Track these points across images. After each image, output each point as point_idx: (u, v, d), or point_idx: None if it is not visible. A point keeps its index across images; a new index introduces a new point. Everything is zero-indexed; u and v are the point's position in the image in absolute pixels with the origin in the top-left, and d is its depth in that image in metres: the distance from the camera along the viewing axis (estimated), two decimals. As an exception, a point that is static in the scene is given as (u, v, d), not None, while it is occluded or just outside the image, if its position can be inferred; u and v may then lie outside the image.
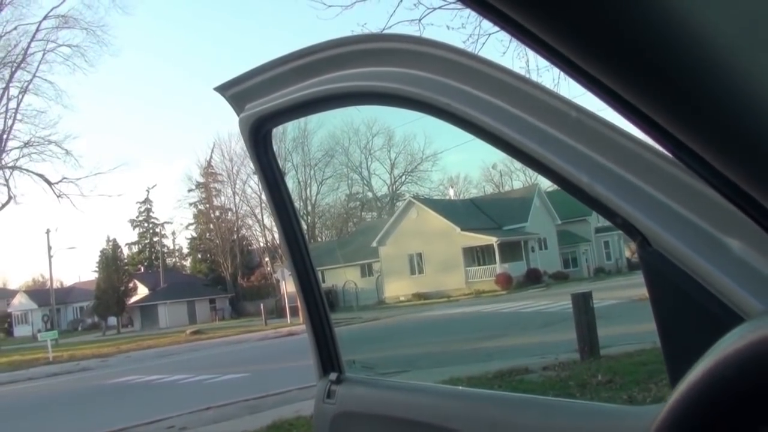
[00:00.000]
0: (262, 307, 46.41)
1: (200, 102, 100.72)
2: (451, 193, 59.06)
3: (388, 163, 63.14)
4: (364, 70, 1.60)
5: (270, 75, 1.89)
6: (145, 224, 78.90)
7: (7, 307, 72.26)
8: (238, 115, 2.03)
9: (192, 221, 77.47)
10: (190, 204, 76.82)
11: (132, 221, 78.31)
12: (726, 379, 0.67)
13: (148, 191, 79.02)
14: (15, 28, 51.90)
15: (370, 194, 65.57)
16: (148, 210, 78.52)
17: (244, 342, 32.18)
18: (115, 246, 63.89)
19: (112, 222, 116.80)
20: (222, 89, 2.04)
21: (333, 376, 2.12)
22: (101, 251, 62.68)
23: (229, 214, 74.49)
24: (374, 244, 46.93)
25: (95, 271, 65.59)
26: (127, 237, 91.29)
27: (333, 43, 1.68)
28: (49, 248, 58.54)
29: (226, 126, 72.87)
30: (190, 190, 76.72)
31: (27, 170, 51.99)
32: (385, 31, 9.98)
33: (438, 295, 41.52)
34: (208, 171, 74.04)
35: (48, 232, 58.99)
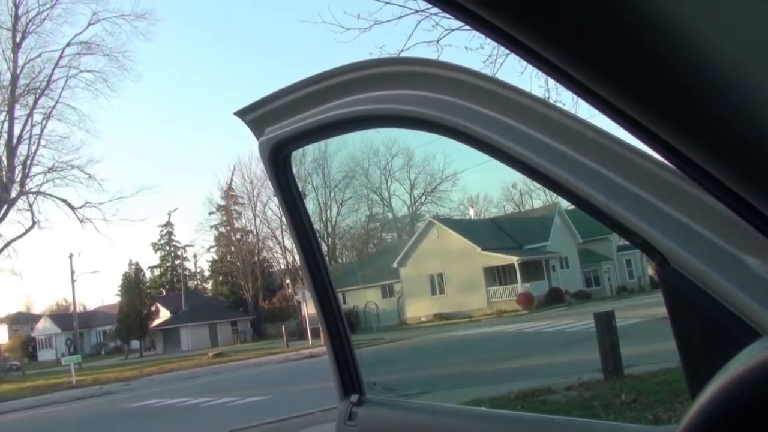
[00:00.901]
0: (283, 329, 46.39)
1: (221, 125, 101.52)
2: (472, 213, 58.81)
3: (408, 183, 63.06)
4: (381, 93, 1.62)
5: (289, 99, 1.91)
6: (167, 247, 79.34)
7: (31, 332, 72.75)
8: (258, 139, 2.04)
9: (213, 244, 77.91)
10: (211, 227, 77.25)
11: (154, 245, 78.78)
12: (736, 399, 0.66)
13: (169, 215, 79.44)
14: (39, 56, 52.82)
15: (390, 215, 65.55)
16: (170, 233, 78.98)
17: (265, 364, 32.18)
18: (138, 269, 64.20)
19: (134, 245, 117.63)
20: (242, 114, 2.07)
21: (354, 397, 2.12)
22: (124, 275, 63.02)
23: (250, 236, 74.78)
24: (395, 264, 46.83)
25: (118, 294, 65.94)
26: (149, 260, 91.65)
27: (350, 67, 1.70)
28: (72, 272, 59.06)
29: (247, 149, 73.21)
30: (211, 213, 77.13)
31: (50, 195, 52.60)
32: (404, 53, 10.05)
33: (459, 316, 41.31)
34: (229, 194, 74.45)
35: (71, 256, 59.54)
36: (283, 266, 69.82)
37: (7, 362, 55.43)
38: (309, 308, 37.61)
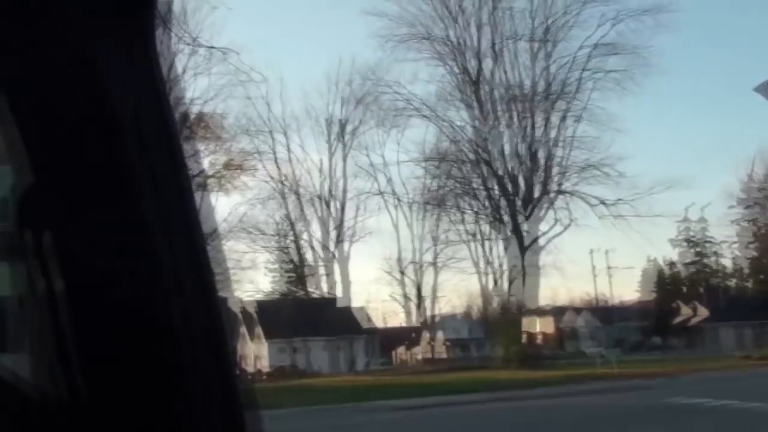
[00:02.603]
0: None
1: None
2: None
3: None
4: None
5: None
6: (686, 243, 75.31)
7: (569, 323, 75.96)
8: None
9: (751, 240, 72.23)
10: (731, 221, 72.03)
11: (671, 240, 75.60)
12: None
13: (686, 210, 74.45)
14: (554, 62, 56.30)
15: None
16: (704, 229, 74.65)
17: None
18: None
19: (654, 241, 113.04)
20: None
21: None
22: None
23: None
24: None
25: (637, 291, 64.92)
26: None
27: None
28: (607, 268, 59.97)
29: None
30: (730, 207, 71.79)
31: (580, 193, 55.23)
32: None
33: None
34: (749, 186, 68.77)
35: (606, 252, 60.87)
36: None
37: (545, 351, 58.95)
38: None
